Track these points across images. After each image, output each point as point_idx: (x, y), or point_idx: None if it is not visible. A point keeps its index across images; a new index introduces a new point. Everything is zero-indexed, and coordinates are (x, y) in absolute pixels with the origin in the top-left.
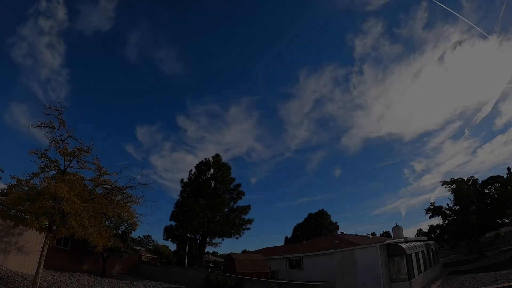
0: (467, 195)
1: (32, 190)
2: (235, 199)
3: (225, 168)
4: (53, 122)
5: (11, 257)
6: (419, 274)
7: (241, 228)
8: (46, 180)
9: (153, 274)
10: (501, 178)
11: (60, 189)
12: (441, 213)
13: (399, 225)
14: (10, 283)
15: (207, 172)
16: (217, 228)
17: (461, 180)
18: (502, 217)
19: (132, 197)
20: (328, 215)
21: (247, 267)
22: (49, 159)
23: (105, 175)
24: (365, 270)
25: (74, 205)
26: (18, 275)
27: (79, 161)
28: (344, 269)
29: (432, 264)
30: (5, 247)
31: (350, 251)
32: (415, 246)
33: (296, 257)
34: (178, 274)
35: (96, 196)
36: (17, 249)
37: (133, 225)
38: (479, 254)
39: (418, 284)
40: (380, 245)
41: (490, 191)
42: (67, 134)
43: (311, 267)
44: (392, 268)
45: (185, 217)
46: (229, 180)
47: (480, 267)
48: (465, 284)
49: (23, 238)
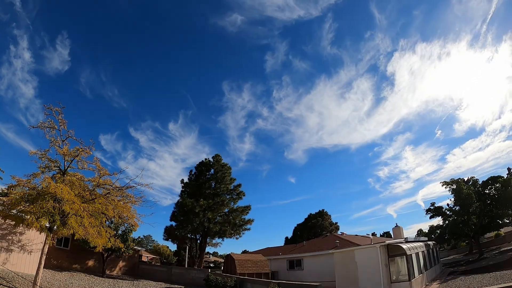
0: (467, 195)
1: (32, 191)
2: (235, 199)
3: (225, 168)
4: (54, 122)
5: (13, 255)
6: (419, 275)
7: (241, 228)
8: (46, 180)
9: (153, 274)
10: (502, 178)
11: (61, 189)
12: (441, 214)
13: (399, 226)
14: (10, 283)
15: (207, 173)
16: (217, 229)
17: (461, 180)
18: (502, 217)
19: (132, 197)
20: (328, 215)
21: (247, 267)
22: (50, 159)
23: (106, 175)
24: (365, 270)
25: (74, 205)
26: (18, 275)
27: (79, 162)
28: (344, 269)
29: (432, 264)
30: (8, 245)
31: (350, 251)
32: (415, 247)
33: (296, 257)
34: (178, 274)
35: (97, 196)
36: (20, 247)
37: (134, 225)
38: (479, 254)
39: (418, 285)
40: (380, 245)
41: (491, 192)
42: (67, 135)
43: (312, 267)
44: (392, 268)
45: (185, 217)
46: (229, 180)
47: (480, 268)
48: (465, 284)
49: (26, 236)
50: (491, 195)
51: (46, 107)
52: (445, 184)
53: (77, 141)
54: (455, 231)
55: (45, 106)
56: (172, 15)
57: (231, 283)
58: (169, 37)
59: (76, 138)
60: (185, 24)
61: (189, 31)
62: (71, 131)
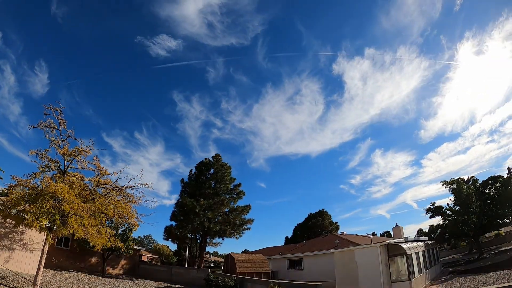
0: (468, 195)
1: (32, 190)
2: (235, 199)
3: (225, 168)
4: (53, 122)
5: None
6: (420, 274)
7: (241, 228)
8: (46, 180)
9: (154, 274)
10: (502, 178)
11: (60, 189)
12: (441, 213)
13: (399, 225)
14: (10, 282)
15: (207, 172)
16: (217, 228)
17: (462, 180)
18: (502, 217)
19: (132, 197)
20: (328, 215)
21: (247, 267)
22: (49, 159)
23: (105, 175)
24: (365, 270)
25: (74, 205)
26: (18, 275)
27: (79, 161)
28: (344, 269)
29: (432, 264)
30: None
31: (350, 251)
32: (415, 246)
33: (296, 257)
34: (178, 274)
35: (96, 196)
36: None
37: (134, 225)
38: (479, 254)
39: (418, 284)
40: (380, 245)
41: (491, 191)
42: (67, 135)
43: (312, 267)
44: (393, 268)
45: (185, 217)
46: (229, 180)
47: (480, 267)
48: (466, 284)
49: (27, 235)
50: (491, 195)
51: (46, 107)
52: (445, 184)
53: (77, 141)
54: (455, 230)
55: (45, 106)
56: (122, 39)
57: (231, 282)
58: (121, 56)
59: (76, 138)
60: (129, 47)
61: (133, 50)
62: (71, 131)
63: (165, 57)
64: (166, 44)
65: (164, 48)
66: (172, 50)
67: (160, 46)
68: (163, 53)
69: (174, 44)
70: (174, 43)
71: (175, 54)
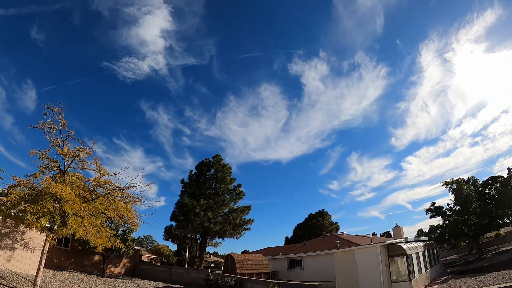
0: (468, 195)
1: (32, 190)
2: (236, 199)
3: (226, 169)
4: (54, 123)
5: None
6: (420, 274)
7: (241, 228)
8: (46, 180)
9: (154, 274)
10: (502, 178)
11: (61, 189)
12: (441, 213)
13: (399, 225)
14: (10, 282)
15: (207, 173)
16: (218, 228)
17: (462, 180)
18: (502, 217)
19: (132, 197)
20: (328, 215)
21: (247, 267)
22: (50, 159)
23: (106, 175)
24: (365, 270)
25: (74, 205)
26: (18, 275)
27: (79, 162)
28: (344, 269)
29: (432, 264)
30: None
31: (350, 251)
32: (415, 247)
33: (296, 257)
34: (178, 274)
35: (97, 196)
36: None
37: (134, 225)
38: (479, 254)
39: (418, 284)
40: (380, 245)
41: (491, 191)
42: (68, 135)
43: (312, 267)
44: (393, 268)
45: (185, 217)
46: (229, 180)
47: (480, 267)
48: (466, 284)
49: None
50: (491, 195)
51: (46, 107)
52: (445, 184)
53: (77, 141)
54: (455, 231)
55: (45, 106)
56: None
57: (231, 283)
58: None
59: (76, 138)
60: (97, 70)
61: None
62: (71, 131)
63: (130, 77)
64: (130, 66)
65: (129, 70)
66: (136, 70)
67: (124, 68)
68: (129, 75)
69: (137, 66)
70: (137, 64)
71: (140, 72)
